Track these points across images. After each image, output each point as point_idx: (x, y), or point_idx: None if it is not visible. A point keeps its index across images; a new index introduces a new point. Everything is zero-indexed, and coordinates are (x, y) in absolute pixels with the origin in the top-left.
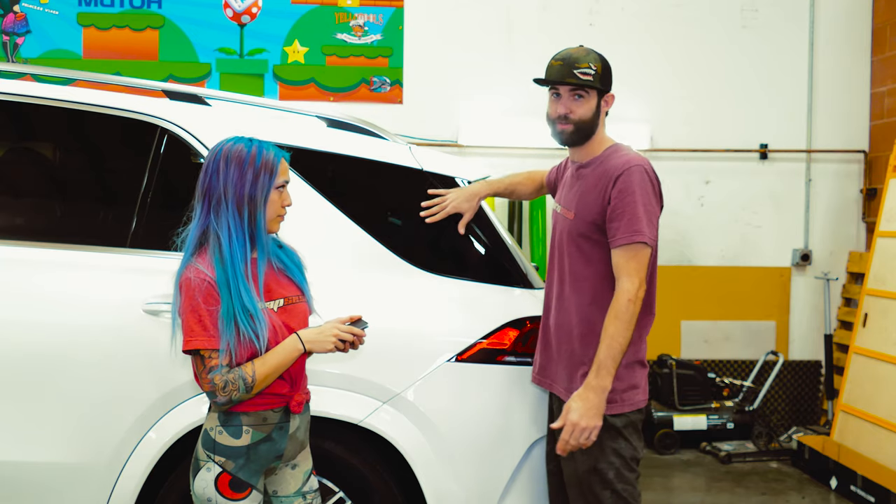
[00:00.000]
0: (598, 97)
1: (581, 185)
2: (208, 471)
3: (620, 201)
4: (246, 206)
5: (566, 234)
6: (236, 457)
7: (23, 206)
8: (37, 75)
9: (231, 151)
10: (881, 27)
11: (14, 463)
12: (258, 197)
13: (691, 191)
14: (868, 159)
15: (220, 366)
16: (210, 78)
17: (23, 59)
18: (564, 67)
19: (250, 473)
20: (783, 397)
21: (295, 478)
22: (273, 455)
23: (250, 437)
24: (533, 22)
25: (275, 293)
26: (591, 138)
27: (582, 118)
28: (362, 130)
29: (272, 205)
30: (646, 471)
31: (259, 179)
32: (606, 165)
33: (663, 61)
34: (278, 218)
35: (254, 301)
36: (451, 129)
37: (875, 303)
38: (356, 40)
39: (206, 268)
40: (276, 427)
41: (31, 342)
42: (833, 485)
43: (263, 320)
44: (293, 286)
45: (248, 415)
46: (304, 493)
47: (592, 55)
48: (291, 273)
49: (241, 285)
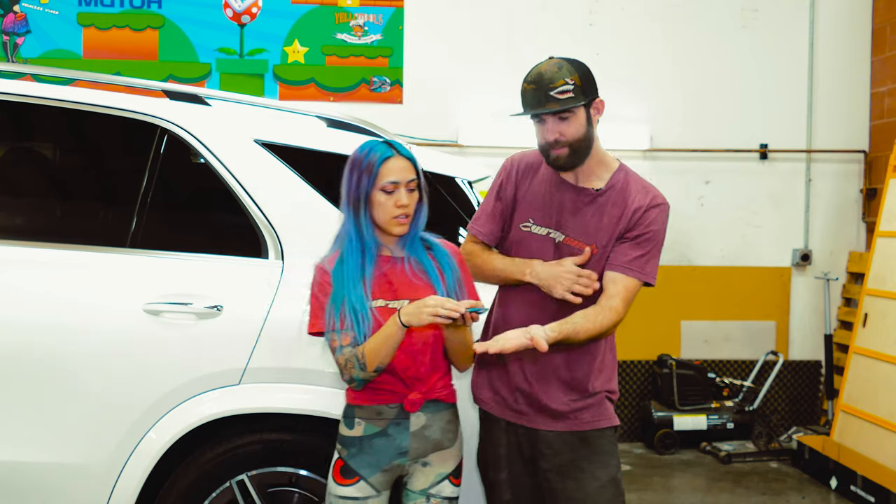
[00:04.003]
0: (585, 109)
1: (599, 215)
2: (335, 456)
3: (647, 237)
4: (354, 207)
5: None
6: (350, 446)
7: (23, 206)
8: (37, 75)
9: (352, 155)
10: (881, 27)
11: (14, 463)
12: (360, 199)
13: (691, 191)
14: (868, 159)
15: (341, 346)
16: (210, 78)
17: (23, 59)
18: (539, 91)
19: (362, 465)
20: (783, 397)
21: (425, 475)
22: (394, 451)
23: (363, 429)
24: (533, 22)
25: (401, 294)
26: (591, 154)
27: (575, 137)
28: (362, 130)
29: (381, 207)
30: (646, 471)
31: (361, 182)
32: (628, 194)
33: (663, 61)
34: (395, 220)
35: (359, 297)
36: (451, 129)
37: (875, 303)
38: (356, 40)
39: (329, 262)
40: (392, 423)
41: (31, 342)
42: (833, 485)
43: (367, 317)
44: (428, 289)
45: (361, 408)
46: (429, 493)
47: (566, 67)
48: (430, 276)
49: (347, 282)
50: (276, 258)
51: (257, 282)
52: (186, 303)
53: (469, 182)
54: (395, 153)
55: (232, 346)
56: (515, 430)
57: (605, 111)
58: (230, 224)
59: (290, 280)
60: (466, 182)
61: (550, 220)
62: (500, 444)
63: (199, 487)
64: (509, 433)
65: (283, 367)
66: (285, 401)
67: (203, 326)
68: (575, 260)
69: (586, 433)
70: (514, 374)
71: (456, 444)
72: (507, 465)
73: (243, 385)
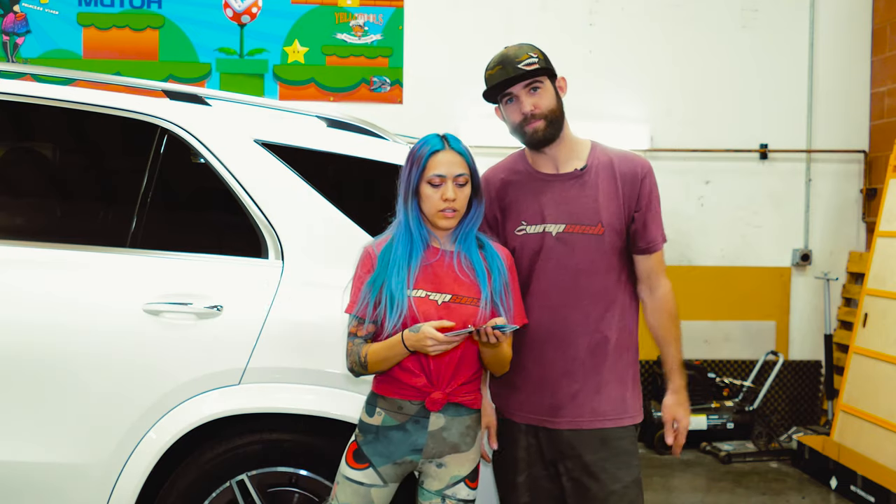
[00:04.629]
0: (552, 83)
1: (593, 193)
2: (352, 437)
3: (652, 204)
4: (405, 198)
5: (593, 252)
6: (367, 433)
7: (23, 206)
8: (37, 75)
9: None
10: (881, 27)
11: (14, 463)
12: (410, 190)
13: (691, 191)
14: (868, 159)
15: (354, 335)
16: (210, 78)
17: (23, 59)
18: (507, 68)
19: (375, 453)
20: (783, 397)
21: (440, 477)
22: (409, 447)
23: (382, 419)
24: (533, 22)
25: (445, 287)
26: (563, 131)
27: (549, 108)
28: (362, 130)
29: (428, 199)
30: (646, 471)
31: (410, 173)
32: (616, 163)
33: (663, 61)
34: (441, 214)
35: (399, 283)
36: (451, 129)
37: (875, 303)
38: (356, 40)
39: (378, 245)
40: (412, 419)
41: (31, 342)
42: (833, 485)
43: (402, 304)
44: (473, 287)
45: (384, 399)
46: (444, 495)
47: (526, 46)
48: (478, 274)
49: (392, 266)
50: (276, 258)
51: (257, 282)
52: (186, 303)
53: None
54: (445, 147)
55: (232, 346)
56: (536, 433)
57: (605, 111)
58: (230, 224)
59: (290, 280)
60: None
61: (539, 217)
62: (518, 447)
63: (199, 487)
64: (529, 435)
65: (283, 367)
66: (285, 401)
67: (203, 326)
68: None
69: (607, 432)
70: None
71: (474, 448)
72: (526, 468)
73: (243, 385)
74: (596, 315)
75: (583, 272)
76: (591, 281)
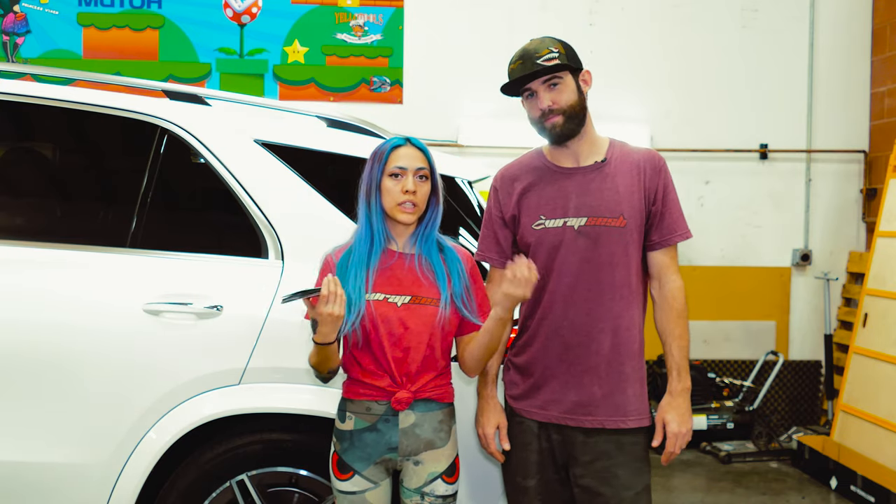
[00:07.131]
0: (574, 77)
1: (613, 185)
2: (331, 449)
3: (669, 196)
4: (367, 195)
5: (615, 245)
6: (342, 440)
7: (23, 206)
8: (37, 75)
9: None
10: (881, 27)
11: (14, 463)
12: (372, 185)
13: (691, 191)
14: (868, 159)
15: (312, 340)
16: (210, 78)
17: (23, 59)
18: (526, 63)
19: (354, 459)
20: (783, 397)
21: (417, 475)
22: (384, 446)
23: (353, 423)
24: (533, 22)
25: (404, 289)
26: (585, 126)
27: (568, 103)
28: (362, 130)
29: (388, 192)
30: None
31: (373, 169)
32: (634, 157)
33: (663, 61)
34: (400, 207)
35: (356, 287)
36: (451, 129)
37: (875, 303)
38: (356, 40)
39: (337, 253)
40: (382, 419)
41: (30, 342)
42: (833, 485)
43: (356, 306)
44: (433, 288)
45: (353, 402)
46: (423, 492)
47: (548, 39)
48: (437, 276)
49: (350, 271)
50: (276, 258)
51: (257, 282)
52: (186, 303)
53: (469, 182)
54: (406, 143)
55: (232, 346)
56: (549, 435)
57: (605, 111)
58: (230, 224)
59: (290, 280)
60: (466, 182)
61: (560, 211)
62: (531, 450)
63: (199, 487)
64: (542, 438)
65: (284, 367)
66: (285, 401)
67: (203, 326)
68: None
69: (624, 437)
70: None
71: (449, 443)
72: (538, 472)
73: (243, 385)
74: (617, 310)
75: (604, 266)
76: (614, 275)
